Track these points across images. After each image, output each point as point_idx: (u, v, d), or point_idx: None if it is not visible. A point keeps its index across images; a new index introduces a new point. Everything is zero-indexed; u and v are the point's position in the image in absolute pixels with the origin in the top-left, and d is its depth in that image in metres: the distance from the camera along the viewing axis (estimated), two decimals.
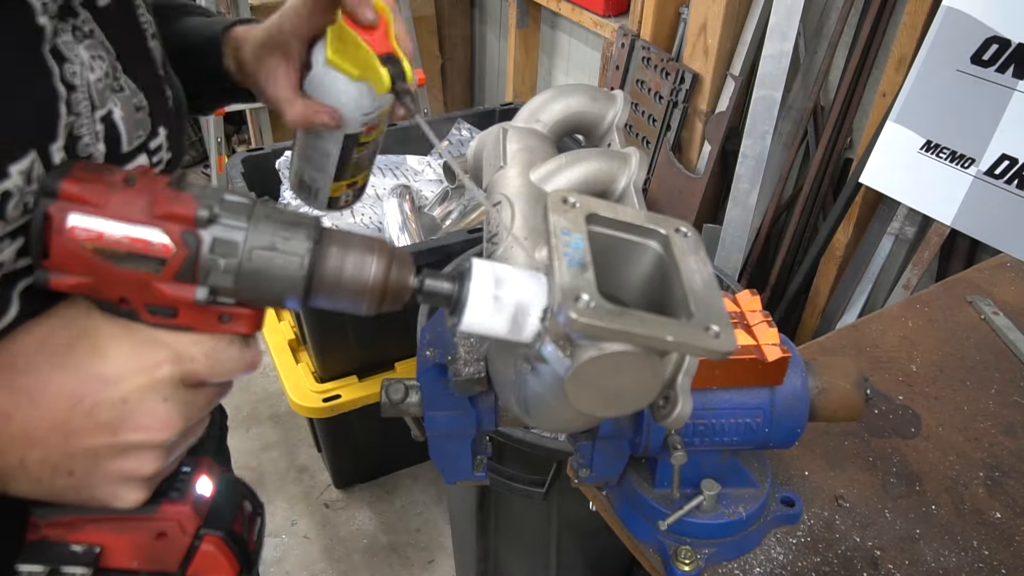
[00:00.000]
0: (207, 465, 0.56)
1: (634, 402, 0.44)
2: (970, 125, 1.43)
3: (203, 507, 0.54)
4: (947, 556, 0.82)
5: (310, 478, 2.30)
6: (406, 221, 1.96)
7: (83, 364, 0.46)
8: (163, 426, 0.47)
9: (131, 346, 0.46)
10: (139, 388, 0.46)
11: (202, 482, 0.55)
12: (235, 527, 0.55)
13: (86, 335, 0.47)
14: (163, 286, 0.45)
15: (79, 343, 0.46)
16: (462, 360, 0.58)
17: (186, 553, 0.53)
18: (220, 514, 0.55)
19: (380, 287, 0.47)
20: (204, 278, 0.45)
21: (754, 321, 0.75)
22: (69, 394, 0.45)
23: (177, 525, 0.52)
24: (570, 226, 0.43)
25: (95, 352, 0.46)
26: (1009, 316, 1.14)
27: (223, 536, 0.54)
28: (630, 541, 0.84)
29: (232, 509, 0.56)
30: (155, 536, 0.52)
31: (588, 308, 0.39)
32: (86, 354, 0.46)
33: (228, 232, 0.45)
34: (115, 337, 0.47)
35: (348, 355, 1.90)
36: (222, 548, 0.53)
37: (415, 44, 0.52)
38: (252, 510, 0.59)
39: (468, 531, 1.64)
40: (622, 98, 0.76)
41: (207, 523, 0.54)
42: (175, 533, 0.52)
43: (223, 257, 0.45)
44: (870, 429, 0.97)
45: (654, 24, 2.09)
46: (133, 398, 0.46)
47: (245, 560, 0.55)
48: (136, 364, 0.46)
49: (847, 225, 1.78)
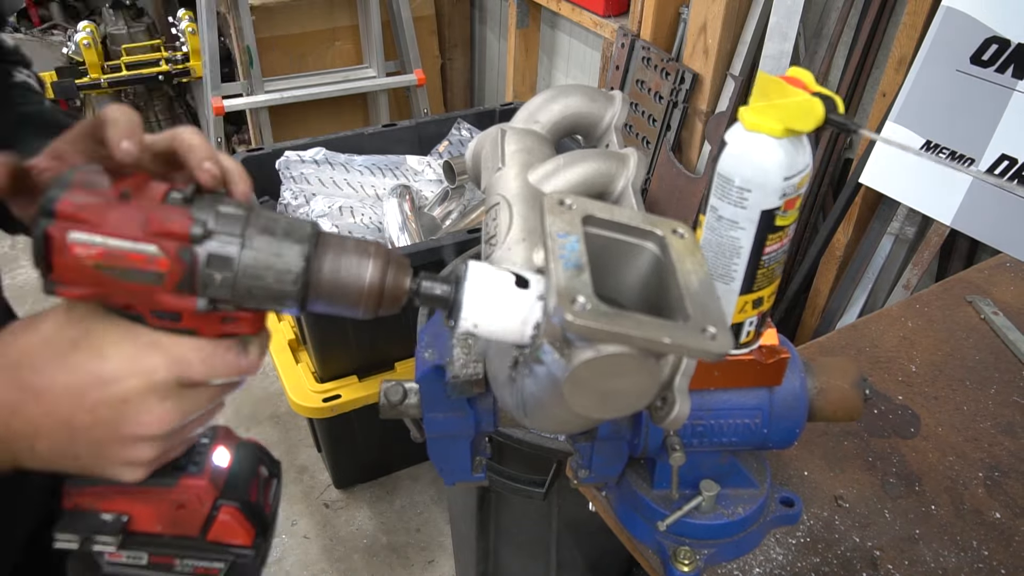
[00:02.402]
0: (224, 435, 0.60)
1: (631, 404, 0.44)
2: (970, 125, 1.43)
3: (220, 479, 0.58)
4: (946, 556, 0.82)
5: (310, 478, 2.30)
6: (406, 221, 1.96)
7: (85, 364, 0.48)
8: (160, 423, 0.50)
9: (131, 349, 0.48)
10: (137, 389, 0.48)
11: (219, 453, 0.58)
12: (251, 495, 0.59)
13: (89, 335, 0.48)
14: (165, 297, 0.47)
15: (82, 343, 0.48)
16: (459, 362, 0.58)
17: (205, 521, 0.57)
18: (236, 484, 0.58)
19: (376, 291, 0.47)
20: (203, 290, 0.47)
21: None
22: (72, 392, 0.48)
23: (195, 498, 0.56)
24: (566, 228, 0.43)
25: (97, 353, 0.48)
26: (1009, 316, 1.14)
27: (239, 506, 0.57)
28: (629, 542, 0.84)
29: (248, 477, 0.59)
30: (176, 507, 0.56)
31: (584, 310, 0.39)
32: (88, 354, 0.48)
33: (223, 247, 0.46)
34: (116, 340, 0.48)
35: (348, 355, 1.90)
36: (238, 517, 0.57)
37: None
38: (268, 474, 0.63)
39: (468, 531, 1.64)
40: (620, 99, 0.76)
41: (223, 494, 0.57)
42: (194, 505, 0.56)
43: (219, 271, 0.46)
44: (869, 429, 0.97)
45: (654, 24, 2.09)
46: (132, 398, 0.48)
47: (261, 525, 0.59)
48: (135, 367, 0.48)
49: (847, 225, 1.77)
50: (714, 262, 0.66)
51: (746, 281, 0.66)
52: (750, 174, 0.61)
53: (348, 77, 2.94)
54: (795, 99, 0.58)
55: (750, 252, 0.64)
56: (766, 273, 0.66)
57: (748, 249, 0.64)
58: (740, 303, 0.67)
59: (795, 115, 0.59)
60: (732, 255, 0.65)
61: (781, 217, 0.63)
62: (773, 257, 0.65)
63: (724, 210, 0.63)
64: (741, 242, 0.64)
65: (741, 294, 0.67)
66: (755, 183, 0.61)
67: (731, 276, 0.66)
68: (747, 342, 0.70)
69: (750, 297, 0.67)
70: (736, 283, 0.66)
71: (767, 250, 0.64)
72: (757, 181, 0.61)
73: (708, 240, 0.65)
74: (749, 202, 0.62)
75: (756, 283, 0.66)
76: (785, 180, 0.61)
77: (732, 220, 0.63)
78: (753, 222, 0.63)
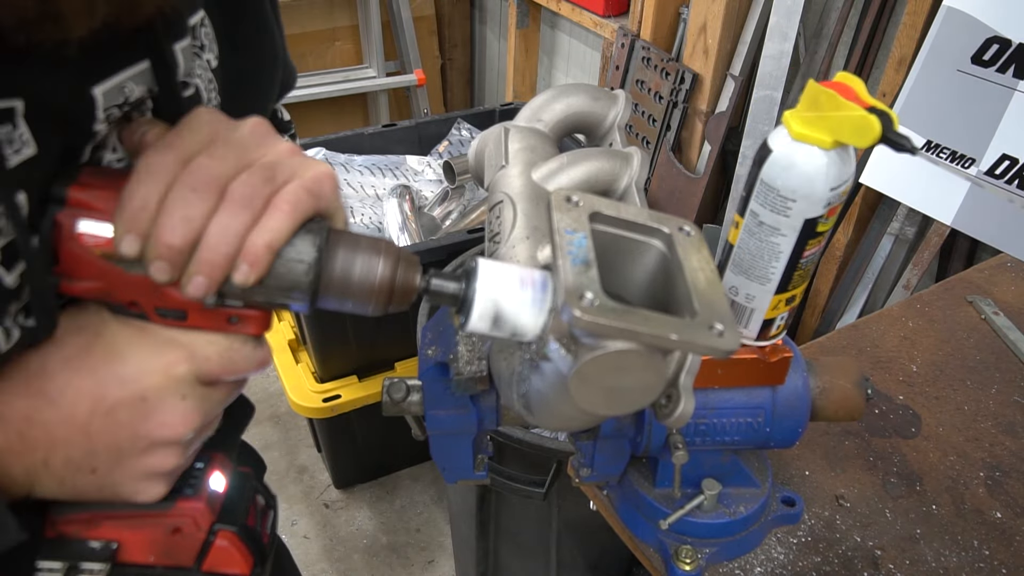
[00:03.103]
0: (220, 461, 0.57)
1: (637, 400, 0.44)
2: (971, 125, 1.43)
3: (216, 503, 0.55)
4: (947, 556, 0.82)
5: (310, 478, 2.30)
6: (406, 221, 1.96)
7: (100, 366, 0.47)
8: (182, 422, 0.48)
9: (148, 346, 0.47)
10: (157, 386, 0.47)
11: (215, 478, 0.55)
12: (248, 521, 0.56)
13: (100, 338, 0.47)
14: (172, 291, 0.46)
15: (95, 346, 0.47)
16: (463, 359, 0.58)
17: (201, 548, 0.53)
18: (233, 509, 0.56)
19: (387, 288, 0.47)
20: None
21: None
22: (88, 395, 0.46)
23: (192, 521, 0.53)
24: (573, 224, 0.43)
25: (112, 354, 0.47)
26: (1009, 316, 1.14)
27: (237, 531, 0.55)
28: (631, 540, 0.84)
29: (245, 504, 0.57)
30: (170, 532, 0.53)
31: (592, 306, 0.39)
32: (103, 356, 0.47)
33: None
34: (131, 338, 0.47)
35: (348, 355, 1.90)
36: (236, 543, 0.54)
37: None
38: (265, 504, 0.60)
39: (468, 531, 1.64)
40: (623, 97, 0.76)
41: (221, 519, 0.54)
42: (190, 529, 0.53)
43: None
44: (871, 429, 0.97)
45: (654, 24, 2.09)
46: (152, 396, 0.47)
47: (259, 553, 0.56)
48: (153, 364, 0.47)
49: (847, 225, 1.78)
50: (751, 264, 0.65)
51: (782, 282, 0.66)
52: (796, 184, 0.60)
53: (348, 77, 2.94)
54: (850, 113, 0.56)
55: (789, 256, 0.64)
56: (802, 274, 0.66)
57: (788, 254, 0.63)
58: (774, 301, 0.67)
59: (849, 130, 0.57)
60: (771, 259, 0.64)
61: (823, 224, 0.62)
62: (810, 259, 0.65)
63: (765, 216, 0.62)
64: (781, 247, 0.63)
65: (776, 293, 0.66)
66: (800, 193, 0.60)
67: (768, 278, 0.65)
68: (776, 334, 0.70)
69: (784, 296, 0.67)
70: (772, 284, 0.66)
71: (806, 254, 0.64)
72: (803, 192, 0.60)
73: (746, 243, 0.65)
74: (792, 211, 0.61)
75: (792, 283, 0.66)
76: (831, 191, 0.60)
77: (773, 227, 0.62)
78: (795, 229, 0.62)
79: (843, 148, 0.60)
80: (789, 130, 0.60)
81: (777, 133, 0.62)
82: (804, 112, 0.60)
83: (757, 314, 0.68)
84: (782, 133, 0.61)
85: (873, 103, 0.56)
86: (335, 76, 2.92)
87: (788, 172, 0.60)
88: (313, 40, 2.90)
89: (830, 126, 0.58)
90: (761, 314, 0.68)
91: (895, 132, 0.55)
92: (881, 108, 0.56)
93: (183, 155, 0.45)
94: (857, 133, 0.56)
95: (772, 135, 0.62)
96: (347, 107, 3.04)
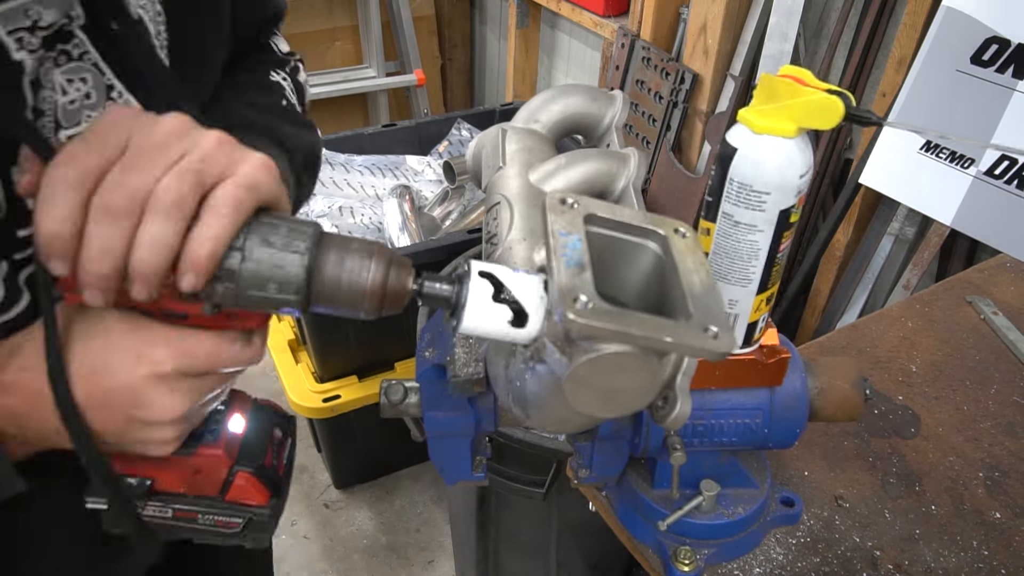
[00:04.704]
0: (240, 401, 0.63)
1: (633, 403, 0.44)
2: (970, 125, 1.43)
3: (234, 447, 0.61)
4: (947, 556, 0.82)
5: (310, 478, 2.30)
6: (406, 221, 1.96)
7: (96, 355, 0.50)
8: (172, 410, 0.51)
9: (139, 343, 0.50)
10: (145, 380, 0.50)
11: (235, 420, 0.61)
12: (265, 459, 0.62)
13: (99, 329, 0.50)
14: (171, 304, 0.49)
15: (93, 337, 0.50)
16: (460, 361, 0.58)
17: (223, 485, 0.61)
18: (250, 451, 0.62)
19: (379, 292, 0.47)
20: (208, 298, 0.48)
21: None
22: (86, 380, 0.50)
23: (212, 466, 0.60)
24: (568, 227, 0.43)
25: (107, 345, 0.50)
26: (1009, 316, 1.14)
27: (253, 471, 0.61)
28: (629, 541, 0.84)
29: (262, 442, 0.63)
30: (194, 472, 0.60)
31: (586, 309, 0.39)
32: (98, 346, 0.50)
33: (224, 260, 0.46)
34: (124, 334, 0.50)
35: (348, 355, 1.90)
36: (252, 482, 0.61)
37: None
38: (282, 434, 0.66)
39: (468, 531, 1.64)
40: (621, 98, 0.76)
41: (239, 460, 0.61)
42: (210, 471, 0.60)
43: (221, 283, 0.47)
44: (870, 429, 0.97)
45: (654, 24, 2.09)
46: (140, 388, 0.50)
47: (275, 487, 0.63)
48: (142, 360, 0.50)
49: (847, 225, 1.78)
50: (730, 267, 0.65)
51: (763, 280, 0.66)
52: (769, 177, 0.61)
53: (348, 77, 2.94)
54: (811, 98, 0.58)
55: (768, 252, 0.64)
56: (778, 269, 0.67)
57: (766, 250, 0.64)
58: (756, 302, 0.67)
59: (813, 114, 0.58)
60: (751, 258, 0.65)
61: (795, 213, 0.63)
62: (784, 253, 0.66)
63: (741, 215, 0.63)
64: (759, 244, 0.64)
65: (758, 294, 0.67)
66: (774, 185, 0.61)
67: (749, 279, 0.66)
68: (758, 338, 0.71)
69: (764, 295, 0.67)
70: (754, 284, 0.66)
71: (782, 247, 0.65)
72: (776, 183, 0.61)
73: (722, 247, 0.65)
74: (768, 204, 0.62)
75: (771, 280, 0.67)
76: (801, 178, 0.61)
77: (750, 224, 0.63)
78: (771, 223, 0.63)
79: (803, 136, 0.61)
80: (750, 126, 0.61)
81: (736, 131, 0.63)
82: (762, 106, 0.61)
83: (742, 318, 0.68)
84: (742, 130, 0.62)
85: (827, 86, 0.58)
86: (335, 76, 2.92)
87: (759, 167, 0.61)
88: (313, 40, 2.90)
89: (793, 114, 0.59)
90: (746, 317, 0.68)
91: (857, 108, 0.57)
92: (838, 89, 0.58)
93: (90, 168, 0.43)
94: (822, 115, 0.58)
95: (730, 134, 0.63)
96: (347, 107, 3.04)
